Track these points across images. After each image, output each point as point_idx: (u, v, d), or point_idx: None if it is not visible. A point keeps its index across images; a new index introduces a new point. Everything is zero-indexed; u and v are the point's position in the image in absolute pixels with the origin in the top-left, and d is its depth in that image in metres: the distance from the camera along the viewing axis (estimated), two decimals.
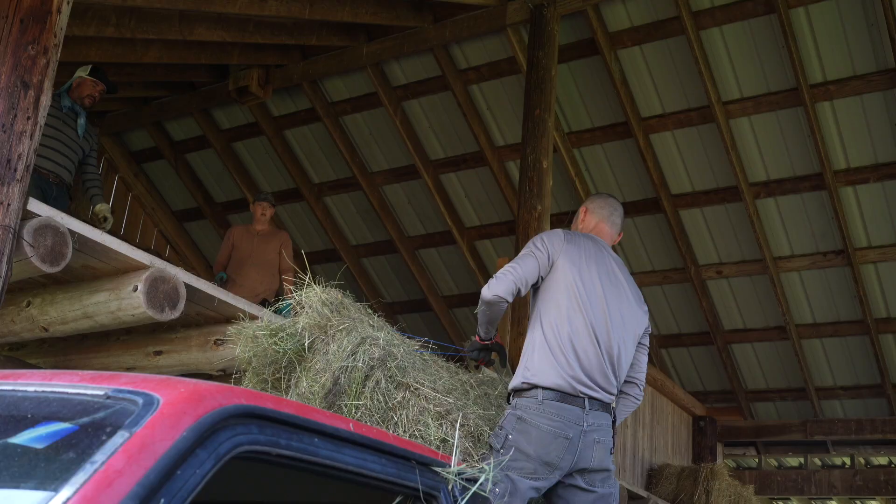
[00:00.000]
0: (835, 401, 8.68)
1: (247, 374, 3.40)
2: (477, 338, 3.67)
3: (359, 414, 3.04)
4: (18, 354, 4.94)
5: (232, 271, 6.91)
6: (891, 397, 8.29)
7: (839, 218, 7.32)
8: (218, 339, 4.33)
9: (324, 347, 3.26)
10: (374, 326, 3.37)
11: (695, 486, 7.59)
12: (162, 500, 1.28)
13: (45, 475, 1.32)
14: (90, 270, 4.01)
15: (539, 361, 3.24)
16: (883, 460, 9.33)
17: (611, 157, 7.85)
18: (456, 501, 1.96)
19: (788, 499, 9.88)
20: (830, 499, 9.33)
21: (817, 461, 9.66)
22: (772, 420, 8.96)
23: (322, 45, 7.66)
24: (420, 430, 3.06)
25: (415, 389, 3.17)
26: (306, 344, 3.26)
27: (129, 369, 4.59)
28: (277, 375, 3.34)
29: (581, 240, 3.57)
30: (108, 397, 1.46)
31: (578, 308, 3.31)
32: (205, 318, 4.40)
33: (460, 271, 9.12)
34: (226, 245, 7.07)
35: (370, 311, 3.50)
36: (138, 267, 3.94)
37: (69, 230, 3.64)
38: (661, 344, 8.90)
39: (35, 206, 3.56)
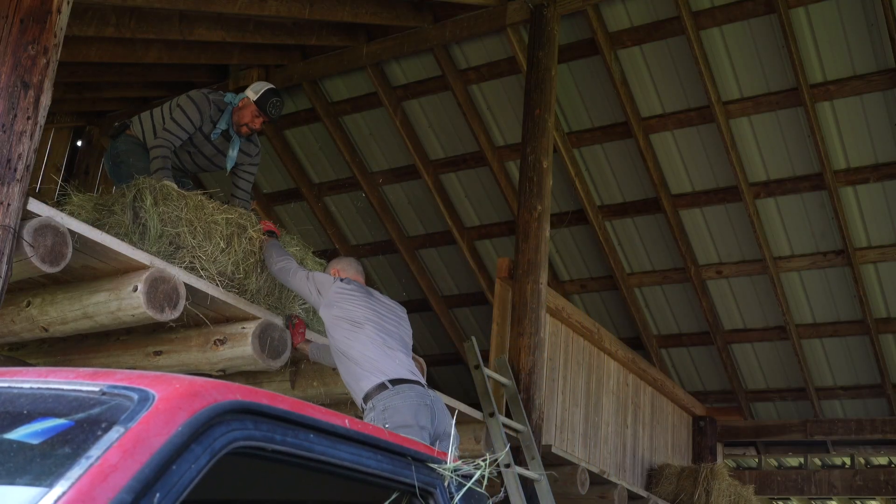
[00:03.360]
0: (835, 401, 8.68)
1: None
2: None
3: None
4: (18, 354, 4.94)
5: None
6: (891, 397, 8.29)
7: (839, 218, 7.32)
8: (218, 339, 4.34)
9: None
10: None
11: (695, 486, 7.60)
12: (157, 495, 1.29)
13: (41, 470, 1.33)
14: (90, 270, 4.02)
15: (379, 365, 3.92)
16: (883, 460, 9.33)
17: (611, 157, 7.86)
18: (452, 498, 1.97)
19: (788, 499, 9.87)
20: (830, 499, 9.32)
21: (817, 461, 9.66)
22: (772, 420, 8.96)
23: (322, 45, 7.66)
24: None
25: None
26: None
27: (129, 369, 4.58)
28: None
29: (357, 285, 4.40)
30: (104, 393, 1.47)
31: (376, 331, 4.08)
32: (205, 318, 4.40)
33: (460, 271, 9.13)
34: None
35: None
36: (138, 267, 3.94)
37: (69, 230, 3.64)
38: (661, 344, 8.91)
39: (35, 206, 3.57)
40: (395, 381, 3.89)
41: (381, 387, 3.87)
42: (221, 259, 4.34)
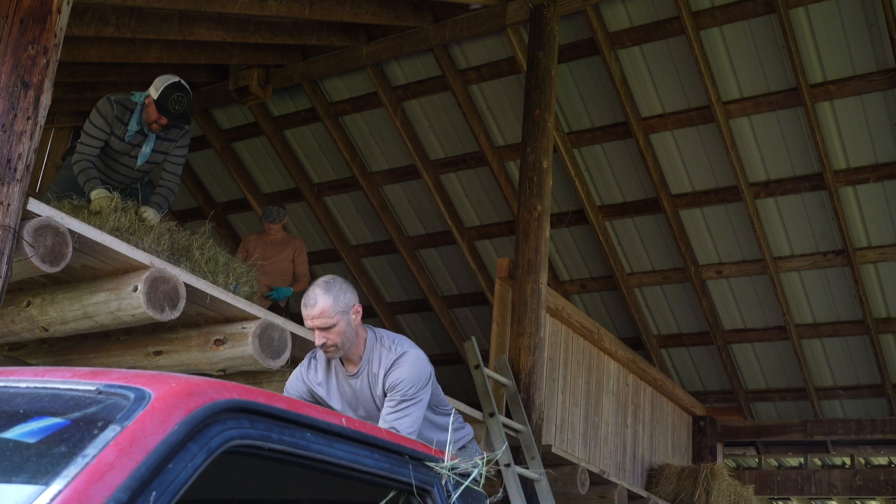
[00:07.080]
0: (835, 401, 8.68)
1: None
2: None
3: None
4: (18, 354, 4.94)
5: None
6: (891, 397, 8.29)
7: (839, 218, 7.32)
8: (218, 339, 4.34)
9: None
10: None
11: (695, 486, 7.60)
12: (153, 494, 1.29)
13: (37, 469, 1.33)
14: (90, 270, 4.02)
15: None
16: (883, 460, 9.32)
17: (611, 157, 7.86)
18: (450, 496, 1.97)
19: (788, 499, 9.87)
20: (830, 499, 9.32)
21: (817, 461, 9.65)
22: (772, 420, 8.95)
23: (322, 45, 7.67)
24: None
25: None
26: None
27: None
28: None
29: None
30: (100, 392, 1.47)
31: None
32: (205, 318, 4.40)
33: (460, 271, 9.13)
34: (240, 254, 7.20)
35: None
36: (138, 267, 3.94)
37: (69, 230, 3.65)
38: (661, 344, 8.90)
39: (35, 206, 3.57)
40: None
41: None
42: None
